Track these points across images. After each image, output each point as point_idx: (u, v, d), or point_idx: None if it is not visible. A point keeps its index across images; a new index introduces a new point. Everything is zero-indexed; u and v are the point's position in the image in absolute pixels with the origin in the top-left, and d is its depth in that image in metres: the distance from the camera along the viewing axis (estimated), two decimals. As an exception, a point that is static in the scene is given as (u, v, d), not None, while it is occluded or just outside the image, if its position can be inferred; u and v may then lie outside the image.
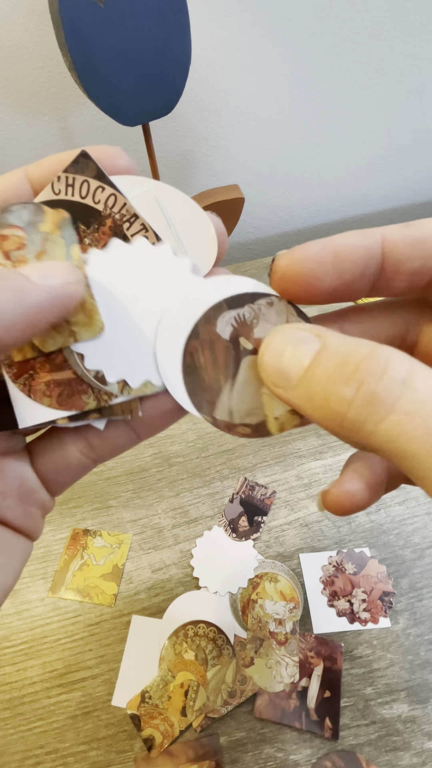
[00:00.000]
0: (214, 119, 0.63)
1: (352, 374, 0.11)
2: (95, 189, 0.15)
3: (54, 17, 0.39)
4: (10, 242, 0.15)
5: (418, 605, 0.38)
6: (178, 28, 0.41)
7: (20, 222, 0.15)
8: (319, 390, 0.12)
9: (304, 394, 0.13)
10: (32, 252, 0.15)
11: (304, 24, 0.57)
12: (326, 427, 0.12)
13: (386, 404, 0.11)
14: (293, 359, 0.13)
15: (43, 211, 0.15)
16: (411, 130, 0.72)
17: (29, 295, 0.12)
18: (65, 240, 0.15)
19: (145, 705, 0.34)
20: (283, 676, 0.35)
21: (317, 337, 0.13)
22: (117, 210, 0.16)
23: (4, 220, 0.15)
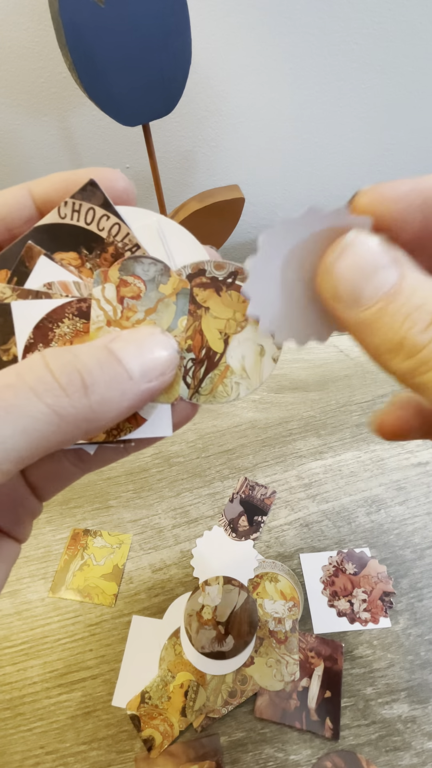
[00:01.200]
0: (214, 119, 0.63)
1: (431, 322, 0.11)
2: (100, 217, 0.16)
3: (54, 17, 0.39)
4: (129, 290, 0.15)
5: (419, 605, 0.38)
6: (178, 28, 0.41)
7: (145, 276, 0.15)
8: (394, 326, 0.12)
9: (370, 323, 0.12)
10: (144, 306, 0.15)
11: (304, 24, 0.57)
12: (377, 356, 0.12)
13: None
14: (370, 282, 0.12)
15: (169, 275, 0.16)
16: (411, 130, 0.72)
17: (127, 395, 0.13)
18: (177, 308, 0.16)
19: (145, 705, 0.34)
20: (283, 674, 0.35)
21: (396, 264, 0.12)
22: (120, 239, 0.16)
23: (132, 269, 0.15)
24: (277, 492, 0.45)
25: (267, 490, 0.45)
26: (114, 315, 0.15)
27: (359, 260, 0.13)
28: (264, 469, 0.47)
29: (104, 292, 0.15)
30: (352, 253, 0.13)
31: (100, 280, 0.15)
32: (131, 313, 0.15)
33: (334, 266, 0.13)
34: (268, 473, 0.47)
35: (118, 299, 0.15)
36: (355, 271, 0.13)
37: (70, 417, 0.12)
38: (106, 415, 0.12)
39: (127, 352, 0.13)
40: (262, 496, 0.45)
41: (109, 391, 0.12)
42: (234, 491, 0.46)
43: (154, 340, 0.14)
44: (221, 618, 0.36)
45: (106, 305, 0.15)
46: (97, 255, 0.16)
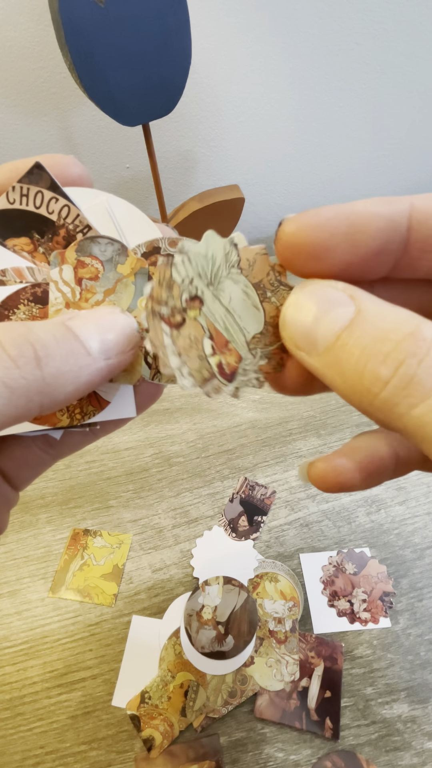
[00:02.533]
0: (214, 119, 0.63)
1: (391, 352, 0.10)
2: (49, 200, 0.16)
3: (54, 17, 0.39)
4: (87, 270, 0.15)
5: (419, 605, 0.38)
6: (178, 28, 0.41)
7: (102, 256, 0.15)
8: (352, 362, 0.11)
9: (331, 363, 0.11)
10: (103, 287, 0.15)
11: (304, 24, 0.57)
12: (350, 400, 0.12)
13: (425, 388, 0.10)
14: (324, 322, 0.12)
15: (126, 255, 0.15)
16: (411, 130, 0.72)
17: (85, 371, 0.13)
18: (136, 288, 0.15)
19: (145, 705, 0.34)
20: (283, 674, 0.35)
21: (351, 299, 0.12)
22: (71, 221, 0.16)
23: (88, 249, 0.15)
24: (277, 492, 0.45)
25: (267, 490, 0.45)
26: (72, 297, 0.15)
27: (309, 304, 0.12)
28: (264, 469, 0.47)
29: (62, 273, 0.15)
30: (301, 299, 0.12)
31: (57, 262, 0.15)
32: (90, 295, 0.15)
33: (286, 316, 0.13)
34: (268, 473, 0.47)
35: (76, 281, 0.15)
36: (306, 315, 0.12)
37: (21, 389, 0.12)
38: (62, 389, 0.12)
39: (85, 329, 0.13)
40: (262, 496, 0.45)
41: (65, 364, 0.12)
42: (234, 491, 0.46)
43: (113, 318, 0.14)
44: (221, 618, 0.36)
45: (64, 287, 0.15)
46: (48, 239, 0.16)
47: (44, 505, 0.46)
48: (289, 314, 0.13)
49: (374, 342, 0.11)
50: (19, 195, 0.16)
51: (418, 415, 0.10)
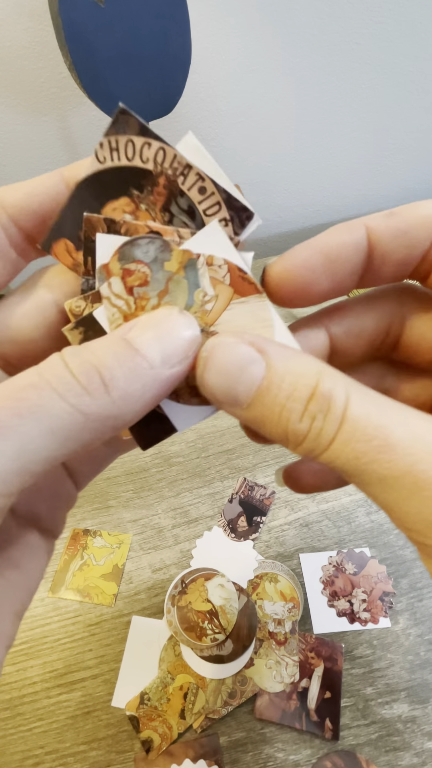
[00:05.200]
0: (214, 119, 0.63)
1: (304, 411, 0.12)
2: (141, 147, 0.14)
3: (54, 17, 0.39)
4: (135, 277, 0.14)
5: (418, 605, 0.38)
6: (178, 28, 0.41)
7: (146, 258, 0.14)
8: (274, 419, 0.13)
9: (255, 418, 0.13)
10: (155, 290, 0.14)
11: (304, 24, 0.57)
12: (278, 442, 0.13)
13: (329, 436, 0.12)
14: (241, 383, 0.13)
15: (170, 249, 0.14)
16: (411, 130, 0.72)
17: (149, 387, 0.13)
18: (189, 282, 0.14)
19: (144, 707, 0.34)
20: (283, 676, 0.35)
21: (260, 353, 0.13)
22: (168, 164, 0.14)
23: (131, 254, 0.14)
24: (277, 492, 0.45)
25: (266, 490, 0.45)
26: (128, 308, 0.14)
27: (222, 366, 0.13)
28: (264, 469, 0.47)
29: (111, 287, 0.14)
30: (215, 361, 0.13)
31: (104, 277, 0.14)
32: (145, 302, 0.14)
33: (203, 379, 0.13)
34: (268, 473, 0.47)
35: (127, 291, 0.14)
36: (222, 376, 0.13)
37: (95, 415, 0.12)
38: (130, 409, 0.12)
39: (144, 340, 0.13)
40: (261, 496, 0.45)
41: (130, 385, 0.12)
42: (233, 491, 0.46)
43: (171, 321, 0.13)
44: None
45: (117, 301, 0.14)
46: (149, 191, 0.15)
47: (44, 505, 0.46)
48: (206, 378, 0.13)
49: (288, 401, 0.12)
50: (109, 150, 0.14)
51: (327, 456, 0.12)
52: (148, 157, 0.14)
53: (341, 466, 0.12)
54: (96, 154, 0.14)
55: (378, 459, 0.12)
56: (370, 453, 0.12)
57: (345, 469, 0.12)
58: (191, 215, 0.15)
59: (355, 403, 0.12)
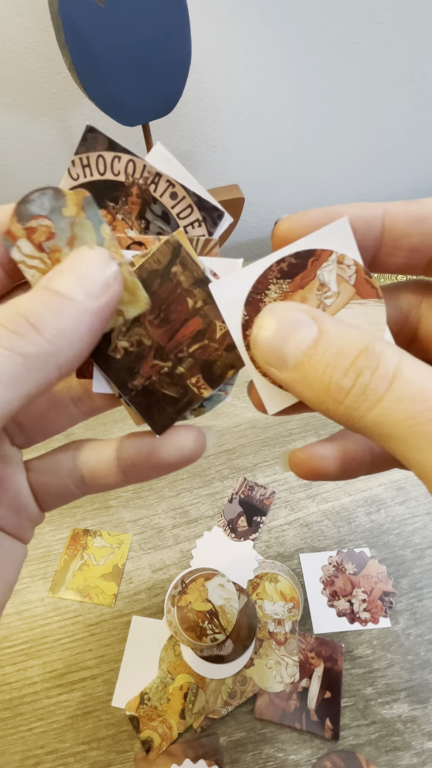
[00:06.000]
0: (214, 119, 0.63)
1: (350, 366, 0.12)
2: (111, 160, 0.15)
3: (54, 17, 0.39)
4: (40, 233, 0.14)
5: (419, 605, 0.38)
6: (178, 28, 0.41)
7: (43, 210, 0.14)
8: (318, 376, 0.13)
9: (300, 378, 0.13)
10: (63, 239, 0.14)
11: (304, 24, 0.57)
12: (318, 407, 0.13)
13: (378, 393, 0.12)
14: (291, 342, 0.13)
15: (63, 195, 0.14)
16: (411, 130, 0.72)
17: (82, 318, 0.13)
18: (92, 220, 0.15)
19: (144, 707, 0.34)
20: (283, 676, 0.35)
21: (314, 320, 0.13)
22: (139, 175, 0.15)
23: (27, 211, 0.14)
24: (277, 492, 0.45)
25: (266, 490, 0.45)
26: (44, 265, 0.15)
27: (277, 325, 0.14)
28: (264, 469, 0.47)
29: (21, 250, 0.14)
30: (270, 321, 0.14)
31: (10, 243, 0.14)
32: (58, 254, 0.15)
33: (257, 337, 0.14)
34: (268, 473, 0.47)
35: (37, 248, 0.14)
36: (275, 335, 0.14)
37: (34, 354, 0.12)
38: (69, 344, 0.13)
39: (63, 282, 0.13)
40: (261, 496, 0.45)
41: (59, 321, 0.13)
42: (233, 491, 0.46)
43: (84, 259, 0.14)
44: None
45: (32, 261, 0.15)
46: (123, 202, 0.15)
47: (44, 505, 0.46)
48: (260, 335, 0.14)
49: (336, 358, 0.12)
50: (81, 168, 0.15)
51: (374, 415, 0.12)
52: (119, 169, 0.15)
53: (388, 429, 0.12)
54: (69, 172, 0.15)
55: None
56: (426, 413, 0.11)
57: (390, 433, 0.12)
58: (166, 220, 0.16)
59: (408, 365, 0.12)
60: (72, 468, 0.17)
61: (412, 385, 0.12)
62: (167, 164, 0.15)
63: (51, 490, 0.18)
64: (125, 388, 0.16)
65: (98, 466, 0.17)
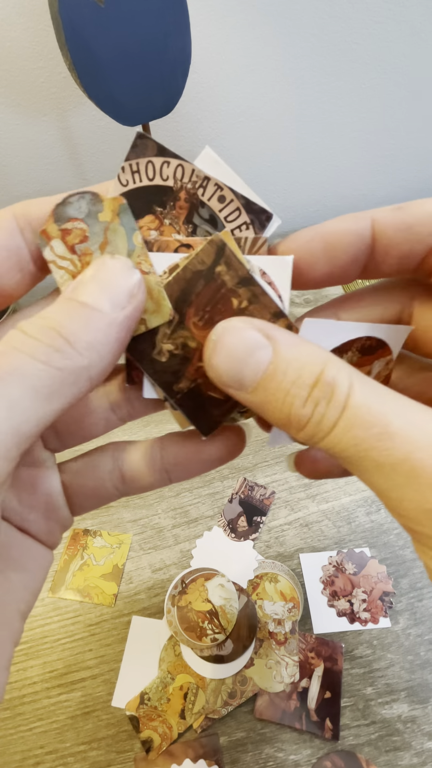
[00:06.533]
0: (214, 119, 0.63)
1: (308, 397, 0.13)
2: (160, 166, 0.15)
3: (54, 17, 0.39)
4: (74, 235, 0.15)
5: (418, 605, 0.38)
6: (178, 28, 0.41)
7: (80, 213, 0.14)
8: (278, 404, 0.13)
9: (259, 402, 0.13)
10: (95, 243, 0.15)
11: (303, 24, 0.57)
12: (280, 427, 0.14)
13: (332, 421, 0.12)
14: (247, 366, 0.13)
15: (101, 200, 0.15)
16: (411, 130, 0.72)
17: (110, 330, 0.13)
18: (125, 228, 0.15)
19: (144, 707, 0.34)
20: (283, 676, 0.35)
21: (268, 340, 0.13)
22: (187, 179, 0.15)
23: (65, 214, 0.14)
24: (277, 492, 0.45)
25: (266, 490, 0.45)
26: (75, 267, 0.15)
27: (230, 349, 0.13)
28: (264, 469, 0.47)
29: (54, 250, 0.15)
30: (224, 344, 0.14)
31: (45, 242, 0.14)
32: (88, 257, 0.15)
33: (211, 361, 0.14)
34: (268, 473, 0.47)
35: (70, 250, 0.15)
36: (230, 360, 0.13)
37: (69, 368, 0.12)
38: (100, 356, 0.13)
39: (88, 293, 0.13)
40: (261, 496, 0.45)
41: (89, 334, 0.13)
42: (233, 491, 0.46)
43: (107, 269, 0.14)
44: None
45: (62, 262, 0.15)
46: (171, 207, 0.15)
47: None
48: (214, 360, 0.14)
49: (293, 387, 0.13)
50: (131, 174, 0.15)
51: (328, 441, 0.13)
52: (168, 174, 0.15)
53: (340, 452, 0.12)
54: (119, 178, 0.15)
55: (377, 446, 0.12)
56: (370, 440, 0.12)
57: (344, 456, 0.13)
58: (213, 223, 0.16)
59: (358, 391, 0.12)
60: (112, 469, 0.17)
61: (358, 412, 0.12)
62: (216, 167, 0.15)
63: (87, 492, 0.18)
64: (171, 391, 0.16)
65: (140, 466, 0.17)
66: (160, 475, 0.17)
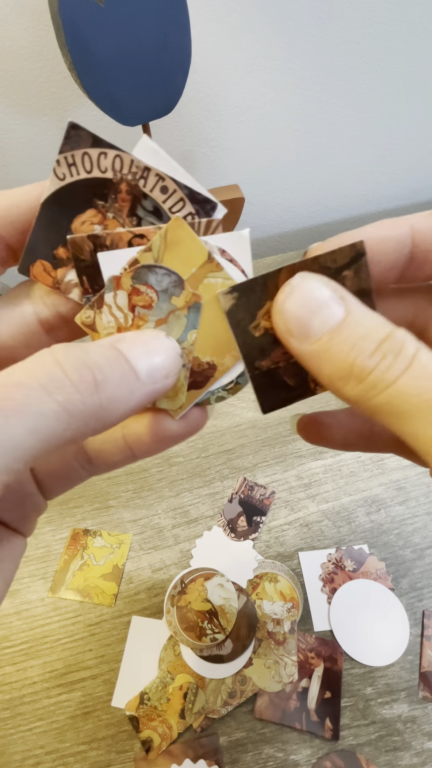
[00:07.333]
0: (214, 119, 0.63)
1: (376, 349, 0.13)
2: (98, 157, 0.15)
3: (54, 17, 0.39)
4: (141, 299, 0.15)
5: (418, 605, 0.38)
6: (178, 28, 0.41)
7: (158, 286, 0.15)
8: (342, 356, 0.13)
9: (322, 353, 0.14)
10: (155, 316, 0.15)
11: (304, 24, 0.57)
12: (332, 383, 0.14)
13: (396, 373, 0.13)
14: (318, 317, 0.14)
15: (183, 287, 0.15)
16: (411, 130, 0.72)
17: (134, 395, 0.13)
18: (188, 322, 0.15)
19: (144, 707, 0.34)
20: (281, 675, 0.35)
21: (342, 300, 0.14)
22: (127, 170, 0.15)
23: (145, 278, 0.15)
24: (277, 492, 0.45)
25: (266, 490, 0.45)
26: (125, 323, 0.15)
27: (306, 298, 0.14)
28: (264, 469, 0.47)
29: (116, 299, 0.15)
30: (299, 293, 0.14)
31: (112, 287, 0.15)
32: (142, 323, 0.15)
33: (284, 304, 0.14)
34: (268, 473, 0.47)
35: (130, 307, 0.15)
36: (302, 307, 0.14)
37: (80, 414, 0.12)
38: (114, 413, 0.13)
39: (133, 352, 0.13)
40: (261, 496, 0.45)
41: (119, 389, 0.12)
42: (233, 491, 0.46)
43: (158, 342, 0.14)
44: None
45: (117, 312, 0.15)
46: (113, 200, 0.15)
47: (44, 505, 0.46)
48: (287, 304, 0.14)
49: (362, 340, 0.13)
50: (67, 167, 0.15)
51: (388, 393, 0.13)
52: (106, 166, 0.15)
53: (398, 405, 0.13)
54: (55, 172, 0.15)
55: None
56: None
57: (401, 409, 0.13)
58: (158, 215, 0.15)
59: (425, 354, 0.13)
60: (77, 451, 0.17)
61: (426, 368, 0.13)
62: (156, 157, 0.15)
63: (56, 475, 0.18)
64: (252, 365, 0.16)
65: (104, 445, 0.17)
66: (124, 453, 0.17)
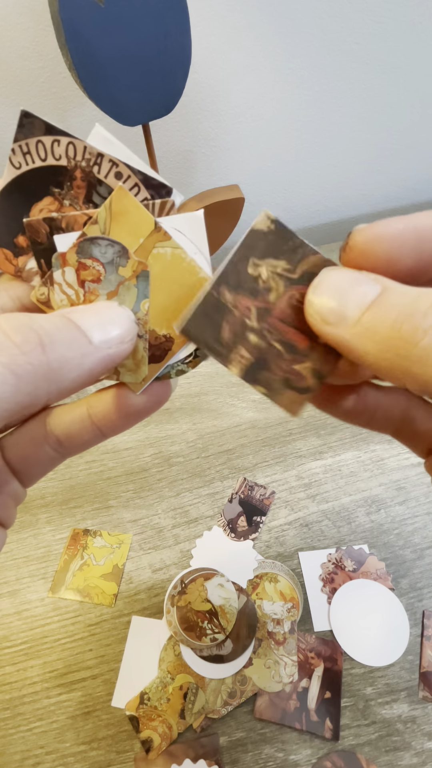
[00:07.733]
0: (214, 119, 0.63)
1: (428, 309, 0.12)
2: (51, 145, 0.15)
3: (54, 17, 0.39)
4: (89, 273, 0.15)
5: (418, 605, 0.38)
6: (178, 28, 0.41)
7: (103, 258, 0.15)
8: (387, 323, 0.12)
9: (363, 331, 0.13)
10: (105, 289, 0.15)
11: (304, 24, 0.57)
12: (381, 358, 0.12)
13: None
14: (353, 297, 0.13)
15: (127, 257, 0.15)
16: (411, 130, 0.72)
17: (88, 358, 0.13)
18: (138, 291, 0.15)
19: (144, 707, 0.34)
20: (281, 675, 0.35)
21: (375, 280, 0.13)
22: (80, 157, 0.15)
23: (89, 251, 0.15)
24: (277, 492, 0.45)
25: (266, 490, 0.45)
26: (77, 299, 0.15)
27: (335, 283, 0.13)
28: (264, 469, 0.47)
29: (64, 276, 0.15)
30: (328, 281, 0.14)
31: (59, 264, 0.15)
32: (93, 297, 0.15)
33: (312, 298, 0.14)
34: (268, 473, 0.47)
35: (79, 283, 0.15)
36: (333, 291, 0.13)
37: (28, 375, 0.12)
38: (67, 375, 0.12)
39: (85, 320, 0.13)
40: (261, 496, 0.45)
41: (69, 351, 0.12)
42: (233, 491, 0.46)
43: (111, 311, 0.14)
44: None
45: (67, 289, 0.15)
46: (69, 187, 0.15)
47: (44, 505, 0.46)
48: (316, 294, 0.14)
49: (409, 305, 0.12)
50: (22, 155, 0.15)
51: None
52: (60, 153, 0.15)
53: None
54: (10, 161, 0.15)
55: None
56: None
57: None
58: None
59: None
60: (46, 433, 0.17)
61: None
62: (108, 146, 0.15)
63: (30, 461, 0.18)
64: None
65: (72, 426, 0.17)
66: (92, 432, 0.17)
